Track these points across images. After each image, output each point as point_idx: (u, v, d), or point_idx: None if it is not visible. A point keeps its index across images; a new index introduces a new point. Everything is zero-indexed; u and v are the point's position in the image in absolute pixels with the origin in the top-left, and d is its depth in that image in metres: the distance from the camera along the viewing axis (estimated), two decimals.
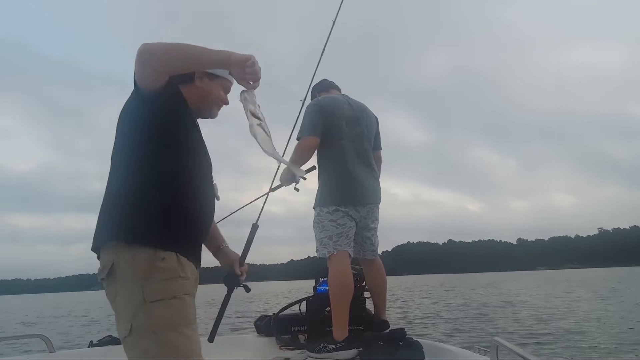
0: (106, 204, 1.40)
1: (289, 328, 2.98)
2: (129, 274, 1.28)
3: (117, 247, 1.30)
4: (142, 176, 1.36)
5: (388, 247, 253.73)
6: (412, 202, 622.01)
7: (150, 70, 1.32)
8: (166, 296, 1.27)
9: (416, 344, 2.52)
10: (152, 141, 1.38)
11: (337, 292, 2.64)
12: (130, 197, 1.34)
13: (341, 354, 2.53)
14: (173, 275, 1.30)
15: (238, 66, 1.33)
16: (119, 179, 1.39)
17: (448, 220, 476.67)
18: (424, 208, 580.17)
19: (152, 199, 1.34)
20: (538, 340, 7.40)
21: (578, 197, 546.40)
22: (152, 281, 1.27)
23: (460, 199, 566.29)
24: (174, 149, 1.40)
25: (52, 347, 2.51)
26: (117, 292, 1.30)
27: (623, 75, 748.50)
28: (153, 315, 1.24)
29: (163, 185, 1.36)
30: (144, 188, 1.35)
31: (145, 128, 1.37)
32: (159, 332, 1.23)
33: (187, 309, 1.32)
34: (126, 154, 1.39)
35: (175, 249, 1.33)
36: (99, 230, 1.39)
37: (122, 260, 1.29)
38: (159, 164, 1.37)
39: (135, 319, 1.24)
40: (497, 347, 2.00)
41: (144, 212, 1.33)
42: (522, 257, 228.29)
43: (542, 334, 8.01)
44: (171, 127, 1.41)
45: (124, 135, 1.42)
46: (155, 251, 1.29)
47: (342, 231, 2.72)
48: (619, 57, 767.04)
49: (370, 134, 2.97)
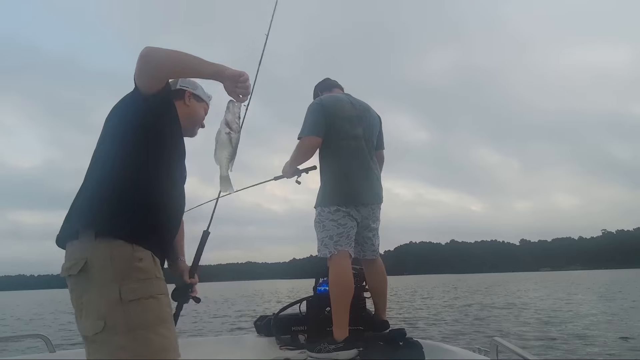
0: (85, 196, 1.40)
1: (289, 328, 2.98)
2: (105, 274, 1.28)
3: (94, 242, 1.30)
4: (127, 173, 1.38)
5: (390, 247, 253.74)
6: (415, 202, 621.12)
7: (150, 73, 1.37)
8: (143, 296, 1.29)
9: (416, 344, 2.52)
10: (142, 140, 1.41)
11: (338, 292, 2.64)
12: (112, 192, 1.36)
13: (341, 354, 2.52)
14: (150, 276, 1.33)
15: (231, 80, 1.39)
16: (103, 172, 1.40)
17: (451, 221, 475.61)
18: (426, 208, 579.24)
19: (134, 197, 1.37)
20: (541, 344, 7.35)
21: (581, 198, 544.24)
22: (130, 281, 1.28)
23: (462, 199, 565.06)
24: (162, 151, 1.45)
25: (52, 347, 2.50)
26: (86, 289, 1.29)
27: (628, 75, 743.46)
28: (129, 314, 1.25)
29: (146, 184, 1.39)
30: (127, 184, 1.37)
31: (138, 127, 1.41)
32: (134, 329, 1.24)
33: (163, 308, 1.34)
34: (114, 150, 1.41)
35: (151, 248, 1.36)
36: (70, 221, 1.39)
37: (98, 259, 1.28)
38: (145, 164, 1.40)
39: (110, 316, 1.24)
40: (497, 347, 2.00)
41: (124, 207, 1.35)
42: (525, 258, 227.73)
43: (545, 337, 7.94)
44: (163, 131, 1.45)
45: (114, 131, 1.44)
46: (133, 250, 1.31)
47: (343, 231, 2.72)
48: (624, 56, 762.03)
49: (372, 134, 2.95)
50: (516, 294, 21.41)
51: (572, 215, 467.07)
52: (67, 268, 1.33)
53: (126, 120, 1.42)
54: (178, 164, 1.54)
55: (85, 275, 1.29)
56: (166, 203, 1.46)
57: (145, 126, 1.41)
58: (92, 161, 1.45)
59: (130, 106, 1.43)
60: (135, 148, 1.40)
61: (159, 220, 1.43)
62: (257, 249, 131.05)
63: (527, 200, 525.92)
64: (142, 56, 1.32)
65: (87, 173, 1.44)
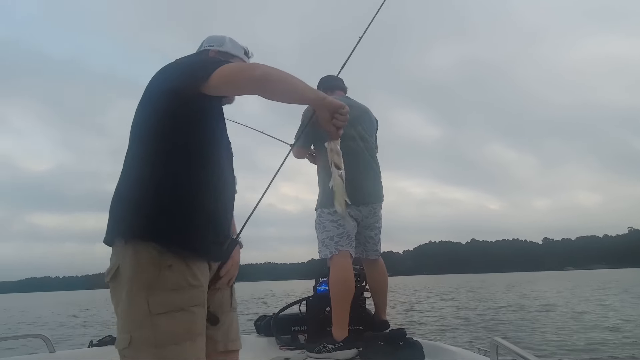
0: (116, 199, 1.31)
1: (289, 328, 2.98)
2: (133, 283, 1.19)
3: (123, 248, 1.22)
4: (158, 169, 1.26)
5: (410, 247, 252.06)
6: (429, 200, 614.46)
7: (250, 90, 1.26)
8: (172, 309, 1.17)
9: (416, 344, 2.50)
10: (178, 131, 1.28)
11: (338, 292, 2.63)
12: (141, 193, 1.25)
13: (341, 354, 2.52)
14: (181, 285, 1.20)
15: (329, 110, 1.29)
16: (133, 171, 1.30)
17: (469, 219, 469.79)
18: (442, 207, 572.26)
19: (166, 196, 1.25)
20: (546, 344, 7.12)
21: (603, 194, 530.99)
22: (158, 291, 1.17)
23: (479, 197, 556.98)
24: (198, 141, 1.31)
25: (52, 347, 2.53)
26: (120, 298, 1.21)
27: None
28: (157, 329, 1.15)
29: (180, 181, 1.27)
30: (158, 183, 1.25)
31: (176, 117, 1.29)
32: (160, 346, 1.15)
33: (195, 321, 1.21)
34: (145, 145, 1.30)
35: (184, 254, 1.23)
36: (108, 226, 1.30)
37: (126, 265, 1.20)
38: (179, 157, 1.28)
39: (137, 331, 1.15)
40: (497, 347, 1.98)
41: (154, 211, 1.23)
42: (549, 257, 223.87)
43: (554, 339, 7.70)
44: (200, 118, 1.32)
45: (146, 126, 1.32)
46: (161, 257, 1.19)
47: (343, 232, 2.72)
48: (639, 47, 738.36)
49: (371, 134, 2.97)
50: (540, 295, 20.95)
51: (596, 212, 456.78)
52: (106, 274, 1.26)
53: (160, 114, 1.30)
54: (218, 148, 1.39)
55: (117, 283, 1.22)
56: (207, 196, 1.31)
57: (182, 118, 1.29)
58: (124, 161, 1.34)
59: (167, 101, 1.29)
60: (170, 141, 1.28)
61: (196, 220, 1.27)
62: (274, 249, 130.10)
63: (547, 197, 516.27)
64: (259, 77, 1.21)
65: (121, 174, 1.34)
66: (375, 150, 2.99)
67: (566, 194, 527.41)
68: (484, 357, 2.19)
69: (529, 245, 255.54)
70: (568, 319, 10.49)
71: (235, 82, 1.26)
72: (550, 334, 8.15)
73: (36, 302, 45.30)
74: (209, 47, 1.62)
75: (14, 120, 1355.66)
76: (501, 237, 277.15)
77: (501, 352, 1.97)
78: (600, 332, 8.26)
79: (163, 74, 1.36)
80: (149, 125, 1.31)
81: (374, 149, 2.97)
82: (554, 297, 18.19)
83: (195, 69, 1.30)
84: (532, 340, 7.57)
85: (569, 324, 9.60)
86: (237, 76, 1.25)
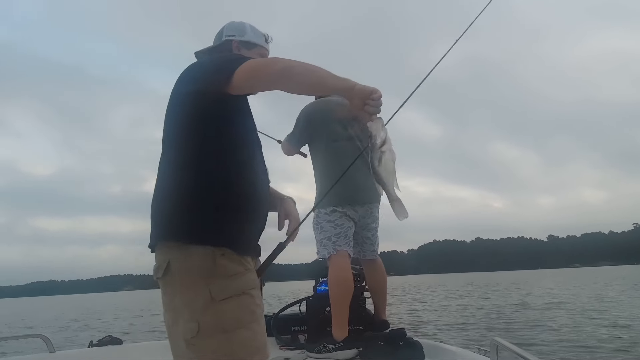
0: (159, 200, 1.32)
1: (289, 328, 2.98)
2: (190, 273, 1.21)
3: (174, 243, 1.24)
4: (200, 171, 1.27)
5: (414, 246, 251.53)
6: (433, 199, 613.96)
7: (267, 86, 1.27)
8: (234, 293, 1.20)
9: (416, 344, 2.49)
10: (211, 131, 1.29)
11: (337, 292, 2.63)
12: (186, 194, 1.26)
13: (341, 354, 2.51)
14: (237, 271, 1.23)
15: (360, 97, 1.25)
16: (172, 171, 1.31)
17: (473, 218, 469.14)
18: (446, 205, 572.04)
19: (208, 194, 1.26)
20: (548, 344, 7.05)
21: (608, 191, 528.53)
22: (217, 279, 1.20)
23: (483, 195, 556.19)
24: (235, 140, 1.33)
25: (52, 347, 2.54)
26: (176, 292, 1.22)
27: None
28: (223, 314, 1.18)
29: (222, 180, 1.28)
30: (202, 184, 1.26)
31: (207, 118, 1.29)
32: (229, 330, 1.17)
33: (257, 303, 1.25)
34: (180, 146, 1.31)
35: (233, 247, 1.25)
36: (152, 228, 1.32)
37: (180, 260, 1.22)
38: (218, 157, 1.29)
39: (203, 318, 1.17)
40: (497, 347, 1.97)
41: (201, 210, 1.25)
42: (554, 255, 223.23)
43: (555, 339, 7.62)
44: (233, 117, 1.33)
45: (179, 129, 1.32)
46: (213, 247, 1.22)
47: (341, 231, 2.73)
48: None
49: (365, 134, 2.94)
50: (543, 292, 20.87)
51: (601, 209, 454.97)
52: (155, 271, 1.27)
53: (191, 114, 1.30)
54: (251, 143, 1.40)
55: (171, 277, 1.23)
56: (247, 191, 1.32)
57: (214, 116, 1.29)
58: (160, 163, 1.35)
59: (196, 100, 1.29)
60: (206, 141, 1.29)
61: (241, 216, 1.30)
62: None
63: (551, 195, 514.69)
64: (281, 71, 1.20)
65: (158, 173, 1.35)
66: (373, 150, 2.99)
67: (571, 192, 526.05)
68: (484, 357, 2.17)
69: (534, 243, 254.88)
70: (573, 316, 10.44)
71: (258, 79, 1.26)
72: (553, 333, 8.09)
73: (46, 305, 45.38)
74: (230, 38, 1.59)
75: (15, 124, 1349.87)
76: (506, 236, 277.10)
77: (501, 352, 1.96)
78: (610, 329, 8.21)
79: (188, 76, 1.36)
80: (182, 128, 1.31)
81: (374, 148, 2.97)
82: (559, 295, 18.11)
83: (217, 69, 1.30)
84: (535, 338, 7.52)
85: (573, 321, 9.55)
86: (258, 73, 1.24)
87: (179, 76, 1.37)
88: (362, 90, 1.24)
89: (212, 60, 1.46)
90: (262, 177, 1.42)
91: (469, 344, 6.50)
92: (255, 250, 1.39)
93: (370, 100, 1.25)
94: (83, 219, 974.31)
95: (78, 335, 11.29)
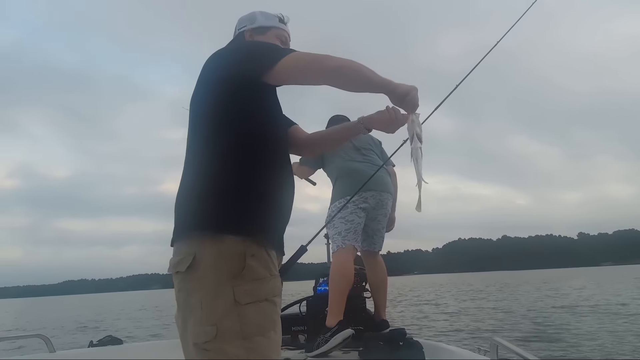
0: (187, 191, 1.26)
1: (289, 328, 2.96)
2: (216, 272, 1.13)
3: (202, 238, 1.16)
4: (232, 162, 1.23)
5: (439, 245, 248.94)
6: (452, 196, 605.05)
7: (315, 81, 1.28)
8: (258, 299, 1.14)
9: (416, 344, 2.45)
10: (245, 120, 1.26)
11: (337, 280, 2.70)
12: (217, 184, 1.21)
13: (338, 337, 2.50)
14: (265, 275, 1.17)
15: (398, 97, 1.32)
16: (202, 164, 1.26)
17: (497, 215, 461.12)
18: (466, 203, 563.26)
19: (242, 187, 1.21)
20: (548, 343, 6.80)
21: (637, 186, 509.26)
22: (243, 281, 1.13)
23: (504, 192, 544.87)
24: (266, 132, 1.30)
25: (52, 347, 2.56)
26: (195, 289, 1.14)
27: None
28: (244, 320, 1.11)
29: (253, 173, 1.24)
30: (233, 176, 1.22)
31: (239, 110, 1.26)
32: (248, 337, 1.10)
33: (277, 311, 1.20)
34: (211, 139, 1.26)
35: (264, 243, 1.20)
36: (179, 220, 1.25)
37: (207, 255, 1.14)
38: (250, 149, 1.25)
39: (224, 322, 1.10)
40: (497, 347, 1.94)
41: (232, 200, 1.20)
42: (585, 253, 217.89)
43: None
44: (265, 108, 1.31)
45: (209, 118, 1.28)
46: (245, 246, 1.15)
47: (351, 227, 2.82)
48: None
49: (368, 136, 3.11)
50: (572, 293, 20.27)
51: (633, 205, 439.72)
52: (175, 264, 1.19)
53: (224, 107, 1.27)
54: (281, 135, 1.39)
55: (194, 272, 1.14)
56: (278, 185, 1.30)
57: (246, 108, 1.27)
58: (187, 153, 1.31)
59: (228, 91, 1.26)
60: (237, 134, 1.25)
61: (271, 210, 1.26)
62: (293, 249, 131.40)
63: (577, 191, 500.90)
64: (333, 68, 1.22)
65: (184, 166, 1.30)
66: (373, 145, 3.13)
67: (598, 187, 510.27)
68: (484, 357, 2.13)
69: (564, 240, 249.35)
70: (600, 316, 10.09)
71: (308, 72, 1.26)
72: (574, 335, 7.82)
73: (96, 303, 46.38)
74: (242, 29, 1.56)
75: (30, 128, 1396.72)
76: (534, 233, 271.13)
77: (501, 352, 1.93)
78: None
79: (219, 60, 1.32)
80: (212, 117, 1.27)
81: (375, 148, 3.12)
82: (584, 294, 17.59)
83: (259, 56, 1.27)
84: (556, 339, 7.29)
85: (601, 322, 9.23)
86: (310, 66, 1.24)
87: (205, 63, 1.33)
88: (400, 91, 1.31)
89: (246, 46, 1.43)
90: (291, 173, 1.39)
91: (469, 341, 6.36)
92: (280, 248, 1.33)
93: (409, 98, 1.31)
94: (103, 220, 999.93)
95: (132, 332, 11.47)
